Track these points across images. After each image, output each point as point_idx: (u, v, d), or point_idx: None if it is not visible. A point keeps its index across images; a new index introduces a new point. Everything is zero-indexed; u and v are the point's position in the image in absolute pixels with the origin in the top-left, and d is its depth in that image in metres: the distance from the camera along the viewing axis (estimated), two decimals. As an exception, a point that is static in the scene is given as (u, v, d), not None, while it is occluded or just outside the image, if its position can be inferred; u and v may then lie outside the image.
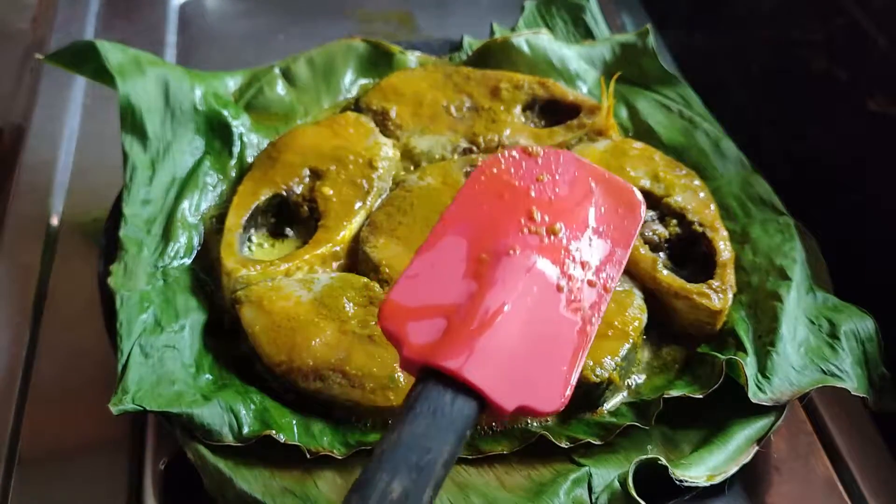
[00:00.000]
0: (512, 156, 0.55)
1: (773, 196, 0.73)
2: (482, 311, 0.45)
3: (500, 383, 0.43)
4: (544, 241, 0.50)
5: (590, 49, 0.87)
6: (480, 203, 0.52)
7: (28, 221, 0.80)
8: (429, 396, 0.42)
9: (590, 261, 0.50)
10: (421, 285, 0.47)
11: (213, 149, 0.77)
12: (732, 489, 0.60)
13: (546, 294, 0.47)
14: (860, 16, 0.77)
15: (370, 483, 0.39)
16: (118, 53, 0.75)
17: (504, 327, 0.45)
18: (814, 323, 0.64)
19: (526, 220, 0.51)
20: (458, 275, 0.47)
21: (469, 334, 0.44)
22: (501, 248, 0.48)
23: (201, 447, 0.55)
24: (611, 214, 0.53)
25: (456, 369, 0.42)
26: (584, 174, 0.55)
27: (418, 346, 0.44)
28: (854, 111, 0.78)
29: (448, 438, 0.41)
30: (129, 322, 0.61)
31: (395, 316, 0.46)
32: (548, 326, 0.46)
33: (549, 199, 0.52)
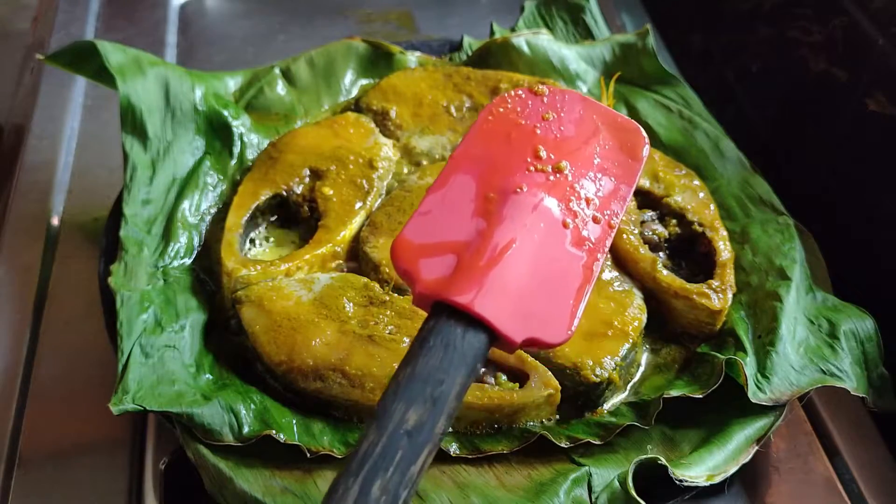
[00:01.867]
0: (518, 95, 0.56)
1: (772, 196, 0.73)
2: (491, 248, 0.47)
3: (509, 316, 0.44)
4: (550, 178, 0.51)
5: (589, 49, 0.87)
6: (488, 142, 0.53)
7: (29, 221, 0.81)
8: (441, 330, 0.43)
9: (594, 198, 0.51)
10: (431, 223, 0.49)
11: (213, 149, 0.77)
12: (732, 489, 0.60)
13: (552, 230, 0.49)
14: (860, 16, 0.77)
15: (387, 413, 0.40)
16: (118, 54, 0.75)
17: (512, 263, 0.46)
18: (813, 323, 0.64)
19: (532, 158, 0.52)
20: (467, 213, 0.49)
21: (479, 270, 0.45)
22: (509, 187, 0.50)
23: (202, 447, 0.56)
24: (615, 152, 0.54)
25: (467, 303, 0.44)
26: (590, 112, 0.56)
27: (430, 281, 0.46)
28: (854, 111, 0.78)
29: (460, 370, 0.42)
30: (130, 322, 0.61)
31: (407, 253, 0.48)
32: (554, 262, 0.48)
33: (554, 137, 0.53)
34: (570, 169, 0.52)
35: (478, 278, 0.45)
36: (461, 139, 0.54)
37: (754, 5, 0.94)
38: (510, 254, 0.46)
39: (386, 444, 0.39)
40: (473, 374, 0.43)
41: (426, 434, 0.40)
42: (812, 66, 0.84)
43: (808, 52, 0.84)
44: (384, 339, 0.60)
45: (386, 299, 0.64)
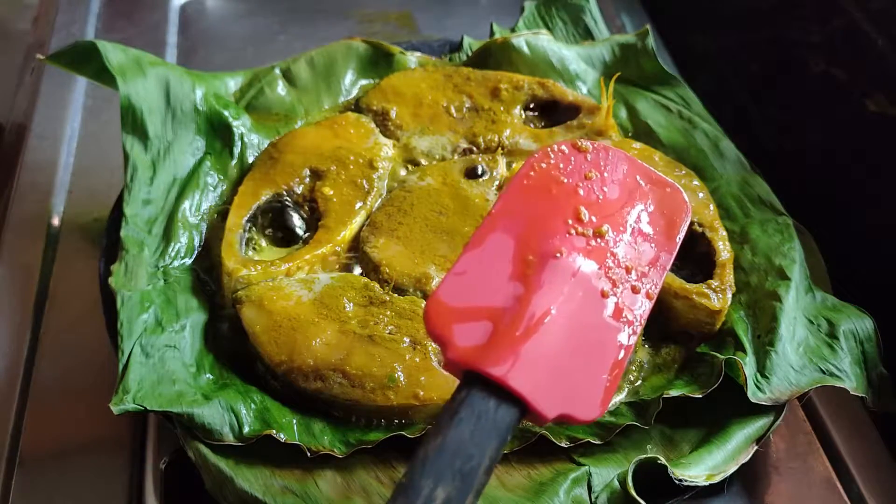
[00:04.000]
0: (561, 150, 0.54)
1: (772, 196, 0.73)
2: (528, 317, 0.45)
3: (543, 391, 0.43)
4: (591, 243, 0.49)
5: (589, 49, 0.87)
6: (528, 200, 0.51)
7: (29, 221, 0.81)
8: (473, 402, 0.42)
9: (635, 266, 0.50)
10: (467, 285, 0.47)
11: (213, 149, 0.77)
12: (731, 488, 0.60)
13: (591, 299, 0.47)
14: (859, 16, 0.77)
15: (414, 488, 0.39)
16: (119, 54, 0.75)
17: (548, 333, 0.45)
18: (813, 323, 0.64)
19: (573, 220, 0.50)
20: (504, 276, 0.47)
21: (514, 340, 0.44)
22: (548, 250, 0.48)
23: (202, 446, 0.56)
24: (657, 217, 0.53)
25: (501, 376, 0.42)
26: (633, 172, 0.54)
27: (464, 349, 0.44)
28: (853, 111, 0.78)
29: (491, 444, 0.41)
30: (130, 322, 0.62)
31: (441, 316, 0.46)
32: (591, 333, 0.46)
33: (597, 198, 0.51)
34: (612, 234, 0.50)
35: (513, 349, 0.43)
36: (500, 194, 0.52)
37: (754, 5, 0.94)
38: (547, 324, 0.45)
39: None
40: (503, 447, 0.42)
41: None
42: (812, 66, 0.84)
43: (808, 53, 0.84)
44: (384, 339, 0.61)
45: (386, 299, 0.64)
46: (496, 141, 0.78)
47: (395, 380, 0.58)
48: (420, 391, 0.58)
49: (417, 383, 0.58)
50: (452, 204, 0.71)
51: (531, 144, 0.78)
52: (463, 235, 0.69)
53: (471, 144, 0.78)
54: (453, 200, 0.72)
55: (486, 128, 0.79)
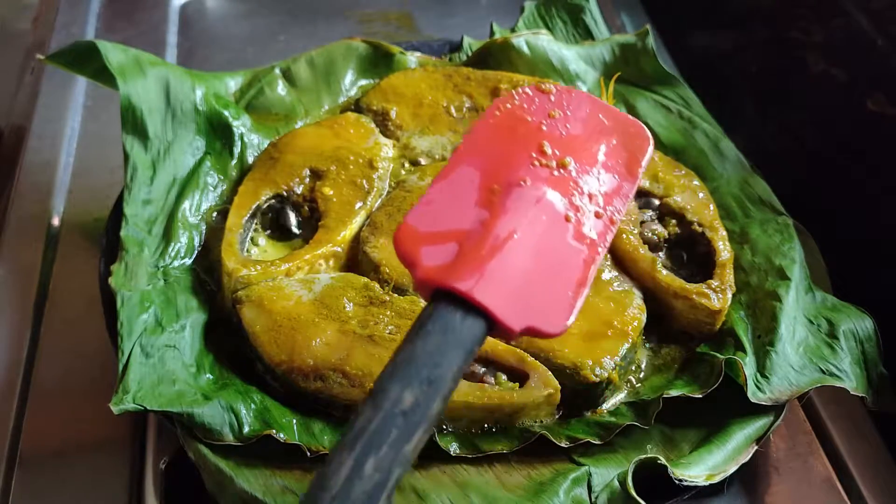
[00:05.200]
0: (525, 92, 0.57)
1: (771, 196, 0.73)
2: (493, 238, 0.47)
3: (508, 305, 0.45)
4: (554, 173, 0.52)
5: (589, 49, 0.87)
6: (494, 136, 0.54)
7: (29, 221, 0.81)
8: (440, 316, 0.44)
9: (597, 194, 0.52)
10: (435, 212, 0.50)
11: (213, 149, 0.77)
12: (731, 488, 0.60)
13: (554, 223, 0.50)
14: (859, 16, 0.77)
15: (383, 391, 0.41)
16: (119, 54, 0.75)
17: (513, 253, 0.47)
18: (813, 323, 0.64)
19: (537, 153, 0.53)
20: (470, 203, 0.50)
21: (480, 258, 0.46)
22: (513, 180, 0.51)
23: (202, 446, 0.56)
24: (619, 150, 0.55)
25: (466, 290, 0.44)
26: (596, 111, 0.57)
27: (431, 268, 0.46)
28: (853, 111, 0.78)
29: (458, 354, 0.43)
30: (130, 322, 0.62)
31: (409, 239, 0.48)
32: (555, 254, 0.48)
33: (560, 134, 0.54)
34: (575, 165, 0.53)
35: (479, 266, 0.45)
36: (466, 133, 0.56)
37: (754, 5, 0.94)
38: (511, 244, 0.47)
39: (381, 422, 0.40)
40: (470, 358, 0.44)
41: (421, 414, 0.41)
42: (812, 66, 0.84)
43: (808, 52, 0.84)
44: (384, 339, 0.61)
45: (386, 299, 0.64)
46: (496, 141, 0.78)
47: (395, 380, 0.58)
48: (420, 391, 0.58)
49: (417, 383, 0.58)
50: (452, 204, 0.71)
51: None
52: (463, 235, 0.69)
53: (471, 144, 0.78)
54: (453, 200, 0.72)
55: (486, 128, 0.79)
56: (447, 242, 0.48)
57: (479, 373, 0.60)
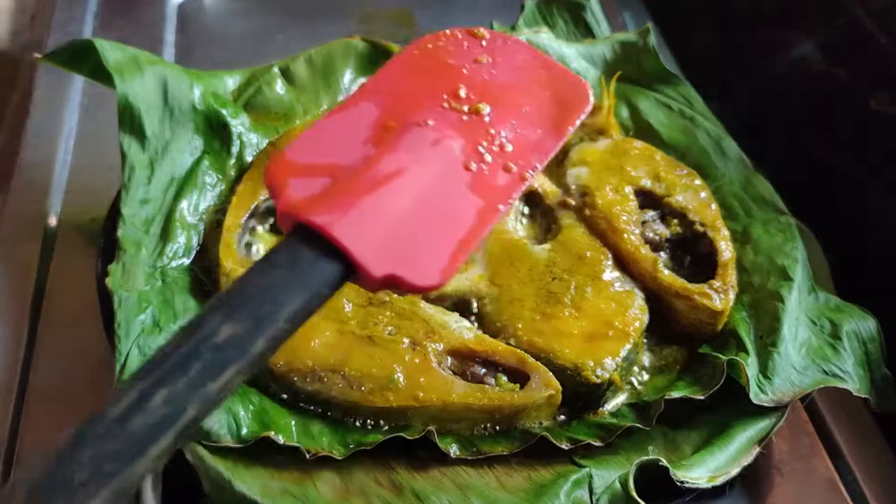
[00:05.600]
0: (454, 34, 0.52)
1: (774, 196, 0.73)
2: (371, 175, 0.43)
3: (373, 248, 0.40)
4: (463, 118, 0.47)
5: (590, 48, 0.87)
6: (404, 75, 0.50)
7: (26, 221, 0.80)
8: (290, 250, 0.40)
9: (511, 145, 0.47)
10: (318, 145, 0.45)
11: (212, 148, 0.76)
12: (734, 490, 0.59)
13: (451, 170, 0.45)
14: (861, 15, 0.76)
15: (199, 321, 0.37)
16: (116, 52, 0.74)
17: (392, 194, 0.42)
18: (815, 323, 0.64)
19: (450, 96, 0.48)
20: (359, 139, 0.45)
21: (349, 194, 0.42)
22: (413, 119, 0.46)
23: (200, 448, 0.55)
24: (551, 104, 0.50)
25: (323, 225, 0.40)
26: (532, 61, 0.52)
27: (294, 199, 0.42)
28: (855, 110, 0.77)
29: (299, 294, 0.39)
30: (128, 322, 0.61)
31: (281, 169, 0.44)
32: (445, 203, 0.44)
33: (482, 80, 0.49)
34: (490, 112, 0.48)
35: (345, 202, 0.41)
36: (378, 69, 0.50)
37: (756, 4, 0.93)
38: (392, 184, 0.42)
39: (186, 352, 0.35)
40: (316, 302, 0.39)
41: (237, 351, 0.36)
42: (813, 65, 0.83)
43: (809, 52, 0.84)
44: (384, 339, 0.60)
45: (386, 299, 0.63)
46: (496, 140, 0.77)
47: (394, 381, 0.58)
48: (419, 392, 0.57)
49: (417, 385, 0.58)
50: (452, 203, 0.71)
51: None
52: (463, 235, 0.68)
53: (471, 143, 0.77)
54: (453, 200, 0.71)
55: (486, 127, 0.78)
56: (321, 176, 0.43)
57: (480, 374, 0.59)
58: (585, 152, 0.75)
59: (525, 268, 0.66)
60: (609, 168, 0.73)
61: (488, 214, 0.44)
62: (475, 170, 0.45)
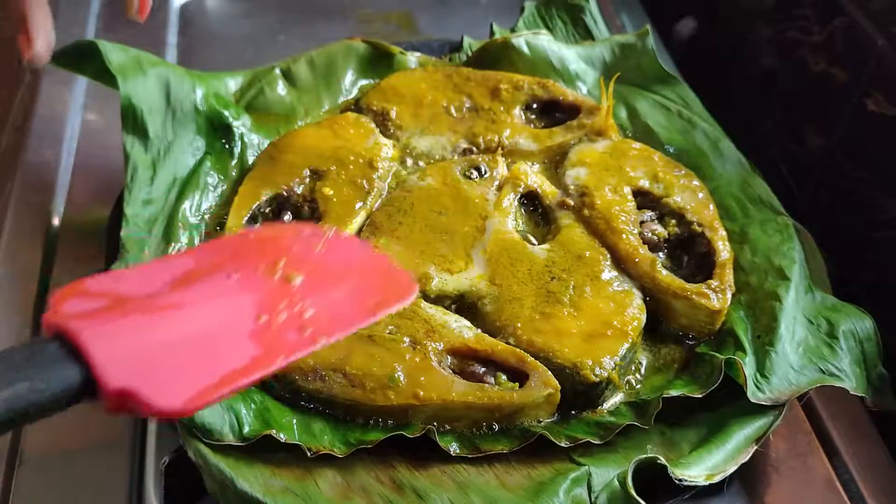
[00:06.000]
0: (300, 228, 0.54)
1: (771, 196, 0.73)
2: (148, 303, 0.43)
3: (116, 360, 0.39)
4: (270, 281, 0.48)
5: (589, 49, 0.87)
6: (234, 246, 0.51)
7: (29, 222, 0.80)
8: (36, 345, 0.39)
9: (312, 311, 0.47)
10: (119, 280, 0.45)
11: (213, 149, 0.77)
12: (731, 488, 0.60)
13: (237, 317, 0.45)
14: (859, 16, 0.77)
15: None
16: (120, 54, 0.75)
17: (161, 321, 0.42)
18: (812, 323, 0.64)
19: (267, 265, 0.48)
20: (160, 281, 0.45)
21: (116, 312, 0.41)
22: (219, 270, 0.47)
23: (202, 446, 0.56)
24: (369, 289, 0.51)
25: (72, 329, 0.39)
26: (365, 256, 0.55)
27: (62, 311, 0.41)
28: (853, 111, 0.78)
29: (22, 382, 0.37)
30: (131, 322, 0.61)
31: (70, 291, 0.43)
32: (218, 342, 0.44)
33: (305, 258, 0.50)
34: (300, 282, 0.48)
35: (107, 317, 0.40)
36: None
37: (754, 5, 0.94)
38: (166, 313, 0.42)
39: None
40: (44, 399, 0.38)
41: None
42: (812, 66, 0.84)
43: (808, 52, 0.84)
44: (384, 339, 0.61)
45: (386, 299, 0.64)
46: (496, 141, 0.78)
47: (395, 380, 0.58)
48: (420, 391, 0.58)
49: (417, 383, 0.58)
50: (452, 204, 0.71)
51: (531, 144, 0.78)
52: (463, 235, 0.69)
53: (471, 144, 0.78)
54: (453, 200, 0.72)
55: (486, 128, 0.79)
56: (102, 299, 0.42)
57: (479, 372, 0.60)
58: (584, 153, 0.76)
59: (524, 268, 0.66)
60: (608, 169, 0.74)
61: (264, 361, 0.43)
62: (263, 322, 0.45)
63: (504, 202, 0.72)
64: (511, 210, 0.72)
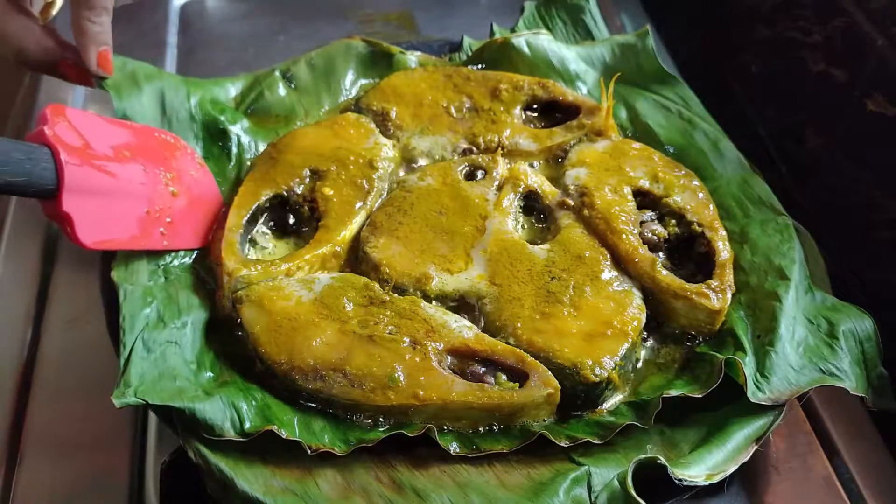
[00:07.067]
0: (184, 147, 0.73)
1: (771, 196, 0.73)
2: (101, 159, 0.63)
3: (74, 191, 0.59)
4: (160, 185, 0.67)
5: (589, 49, 0.87)
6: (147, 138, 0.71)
7: (30, 221, 0.81)
8: (32, 147, 0.58)
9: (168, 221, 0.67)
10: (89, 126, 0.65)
11: (211, 153, 0.78)
12: (731, 488, 0.60)
13: (138, 203, 0.65)
14: (859, 16, 0.77)
15: None
16: (115, 72, 0.75)
17: (105, 183, 0.62)
18: (812, 323, 0.64)
19: (161, 170, 0.68)
20: (111, 139, 0.66)
21: (83, 155, 0.61)
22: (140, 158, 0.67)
23: (202, 447, 0.56)
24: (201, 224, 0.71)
25: (58, 149, 0.58)
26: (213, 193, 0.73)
27: (54, 133, 0.60)
28: (853, 111, 0.78)
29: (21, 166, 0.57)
30: (133, 316, 0.62)
31: (57, 112, 0.63)
32: (123, 216, 0.64)
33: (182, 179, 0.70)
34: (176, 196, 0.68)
35: (80, 156, 0.60)
36: None
37: (754, 6, 0.94)
38: (107, 177, 0.62)
39: None
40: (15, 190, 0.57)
41: None
42: (811, 66, 0.84)
43: (808, 53, 0.84)
44: (384, 338, 0.61)
45: (386, 299, 0.64)
46: (496, 141, 0.78)
47: (395, 380, 0.58)
48: (420, 391, 0.58)
49: (417, 383, 0.58)
50: (452, 204, 0.71)
51: (531, 144, 0.78)
52: (463, 235, 0.69)
53: (471, 144, 0.78)
54: (453, 200, 0.72)
55: (486, 128, 0.79)
56: (76, 136, 0.62)
57: (480, 372, 0.60)
58: (584, 153, 0.76)
59: (524, 268, 0.66)
60: (608, 169, 0.74)
61: (138, 241, 0.65)
62: (147, 213, 0.66)
63: (504, 202, 0.72)
64: (511, 210, 0.72)
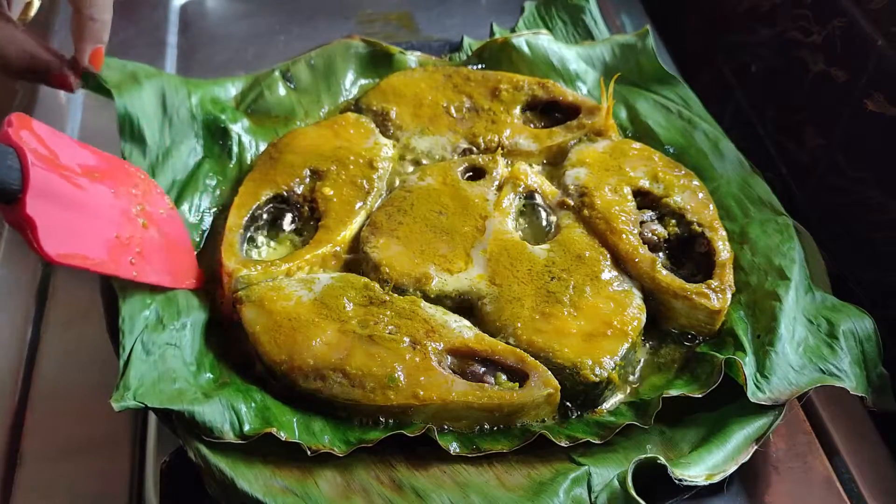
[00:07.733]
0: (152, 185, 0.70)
1: (771, 196, 0.73)
2: (68, 172, 0.60)
3: (39, 197, 0.55)
4: (130, 214, 0.65)
5: (589, 50, 0.87)
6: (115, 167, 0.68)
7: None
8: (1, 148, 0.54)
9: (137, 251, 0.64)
10: (55, 141, 0.61)
11: (212, 153, 0.77)
12: (731, 488, 0.60)
13: (108, 226, 0.62)
14: (859, 16, 0.77)
15: None
16: (115, 72, 0.75)
17: (74, 196, 0.59)
18: (812, 322, 0.64)
19: (132, 200, 0.66)
20: (77, 158, 0.63)
21: (49, 164, 0.58)
22: (108, 181, 0.64)
23: (202, 447, 0.56)
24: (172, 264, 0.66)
25: (25, 153, 0.55)
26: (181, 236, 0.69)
27: (21, 138, 0.57)
28: (853, 111, 0.78)
29: None
30: (132, 318, 0.62)
31: (24, 121, 0.59)
32: (91, 235, 0.60)
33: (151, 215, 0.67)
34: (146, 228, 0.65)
35: (46, 163, 0.57)
36: None
37: (754, 6, 0.94)
38: (77, 190, 0.60)
39: None
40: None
41: None
42: (811, 66, 0.84)
43: (808, 53, 0.84)
44: (384, 338, 0.61)
45: (386, 299, 0.64)
46: (496, 141, 0.78)
47: (395, 380, 0.58)
48: (420, 391, 0.58)
49: (417, 383, 0.58)
50: (452, 204, 0.71)
51: (531, 144, 0.78)
52: (463, 235, 0.69)
53: (471, 144, 0.78)
54: (453, 200, 0.72)
55: (486, 128, 0.79)
56: (42, 145, 0.59)
57: (479, 372, 0.60)
58: (584, 153, 0.76)
59: (524, 268, 0.66)
60: (608, 169, 0.74)
61: (106, 266, 0.60)
62: (116, 238, 0.62)
63: (504, 202, 0.72)
64: (511, 210, 0.72)
